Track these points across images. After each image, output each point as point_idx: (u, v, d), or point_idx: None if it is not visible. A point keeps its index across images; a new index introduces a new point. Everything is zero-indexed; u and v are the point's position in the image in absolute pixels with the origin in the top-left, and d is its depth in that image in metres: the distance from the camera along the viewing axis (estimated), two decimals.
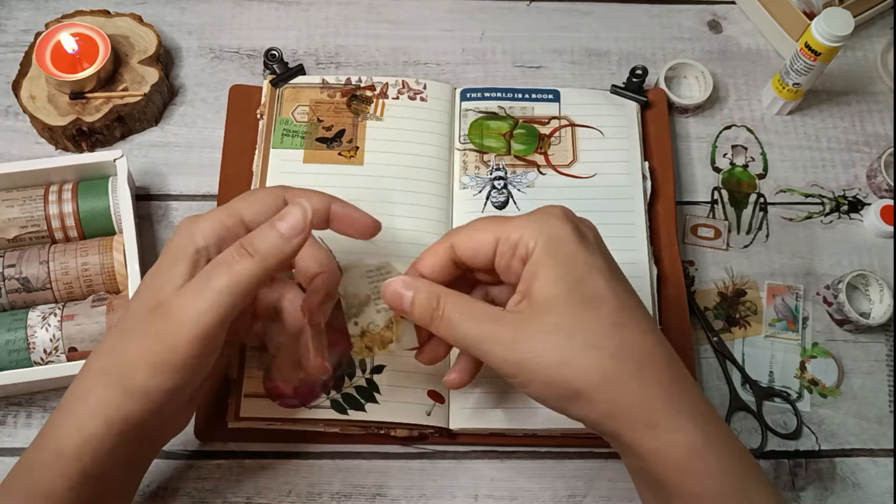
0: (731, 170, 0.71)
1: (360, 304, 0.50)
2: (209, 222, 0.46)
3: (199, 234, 0.46)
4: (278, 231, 0.45)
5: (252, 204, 0.48)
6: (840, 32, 0.63)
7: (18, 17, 0.74)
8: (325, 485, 0.58)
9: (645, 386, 0.44)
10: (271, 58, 0.68)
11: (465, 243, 0.48)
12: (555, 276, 0.45)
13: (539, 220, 0.46)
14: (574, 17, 0.77)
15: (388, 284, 0.48)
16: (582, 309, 0.44)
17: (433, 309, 0.47)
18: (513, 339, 0.44)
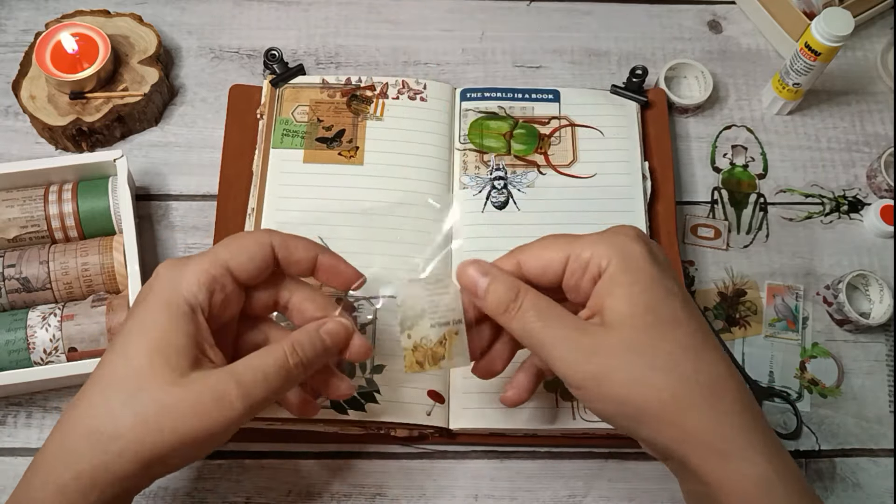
0: (731, 170, 0.71)
1: (414, 317, 0.48)
2: (195, 275, 0.45)
3: (187, 289, 0.45)
4: (323, 345, 0.47)
5: (238, 253, 0.47)
6: (840, 32, 0.63)
7: (18, 17, 0.74)
8: (324, 485, 0.58)
9: (719, 413, 0.42)
10: (271, 58, 0.68)
11: (533, 261, 0.48)
12: (630, 295, 0.44)
13: (611, 239, 0.46)
14: (574, 17, 0.77)
15: (464, 268, 0.47)
16: (658, 330, 0.43)
17: (510, 301, 0.46)
18: (592, 351, 0.43)
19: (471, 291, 0.47)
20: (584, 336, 0.44)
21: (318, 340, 0.47)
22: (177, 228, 0.66)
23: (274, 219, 0.63)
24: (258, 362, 0.45)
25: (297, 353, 0.46)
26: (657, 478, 0.60)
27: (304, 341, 0.46)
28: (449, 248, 0.61)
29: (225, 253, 0.47)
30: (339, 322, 0.48)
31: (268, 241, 0.48)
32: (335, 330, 0.48)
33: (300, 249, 0.49)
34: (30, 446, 0.59)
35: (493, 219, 0.64)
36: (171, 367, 0.43)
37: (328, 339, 0.47)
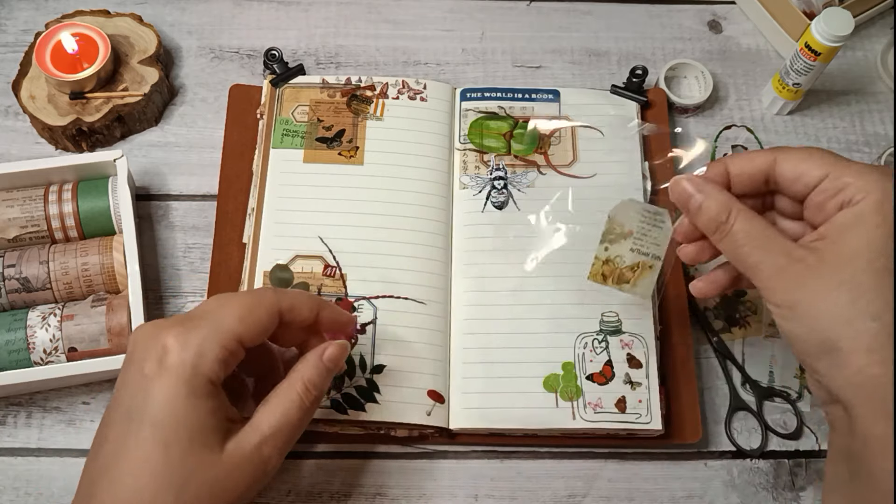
0: None
1: (619, 235, 0.48)
2: (212, 352, 0.45)
3: (209, 367, 0.45)
4: (330, 373, 0.49)
5: (250, 326, 0.47)
6: (840, 32, 0.63)
7: (18, 17, 0.74)
8: (325, 485, 0.58)
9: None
10: (271, 58, 0.68)
11: (792, 164, 0.46)
12: (871, 236, 0.43)
13: (878, 176, 0.44)
14: (574, 17, 0.77)
15: (678, 181, 0.47)
16: (885, 277, 0.42)
17: (722, 222, 0.46)
18: (798, 277, 0.43)
19: (683, 206, 0.48)
20: (796, 263, 0.44)
21: (325, 370, 0.49)
22: (177, 228, 0.66)
23: (274, 219, 0.63)
24: (280, 414, 0.46)
25: (310, 392, 0.48)
26: (657, 478, 0.60)
27: (314, 377, 0.48)
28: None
29: (237, 325, 0.46)
30: (339, 345, 0.50)
31: (277, 308, 0.48)
32: (337, 355, 0.50)
33: (304, 310, 0.49)
34: (30, 446, 0.59)
35: (493, 219, 0.64)
36: (209, 446, 0.44)
37: (332, 365, 0.49)
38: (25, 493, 0.57)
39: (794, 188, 0.47)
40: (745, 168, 0.48)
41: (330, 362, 0.49)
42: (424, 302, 0.61)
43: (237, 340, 0.46)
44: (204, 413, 0.44)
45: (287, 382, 0.48)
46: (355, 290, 0.61)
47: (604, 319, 0.61)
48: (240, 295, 0.49)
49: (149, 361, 0.45)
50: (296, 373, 0.48)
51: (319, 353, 0.49)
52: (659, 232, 0.48)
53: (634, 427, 0.58)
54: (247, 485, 0.45)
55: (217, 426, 0.45)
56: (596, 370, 0.59)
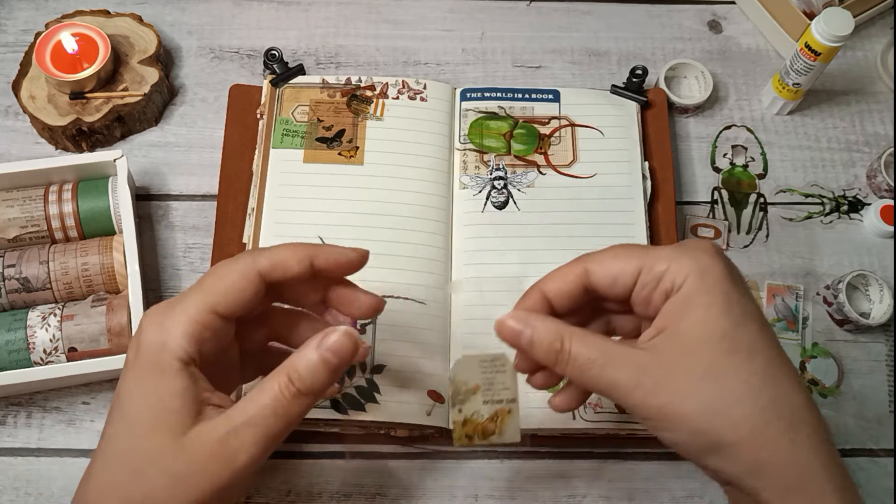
0: (731, 170, 0.71)
1: (467, 393, 0.47)
2: (181, 326, 0.41)
3: (176, 344, 0.41)
4: (328, 366, 0.42)
5: (222, 293, 0.43)
6: (840, 32, 0.63)
7: (18, 17, 0.74)
8: (325, 485, 0.58)
9: (797, 446, 0.40)
10: (271, 58, 0.68)
11: (603, 270, 0.44)
12: (707, 317, 0.41)
13: (689, 253, 0.42)
14: (574, 17, 0.77)
15: (502, 322, 0.44)
16: (735, 357, 0.40)
17: (557, 350, 0.43)
18: (655, 385, 0.41)
19: (514, 345, 0.45)
20: (648, 370, 0.41)
21: (320, 362, 0.42)
22: (177, 228, 0.66)
23: (274, 219, 0.63)
24: (253, 406, 0.41)
25: (292, 385, 0.41)
26: (657, 478, 0.60)
27: (302, 368, 0.42)
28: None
29: (210, 295, 0.42)
30: (343, 333, 0.43)
31: (253, 269, 0.43)
32: (339, 344, 0.42)
33: (291, 263, 0.44)
34: (29, 446, 0.59)
35: (493, 219, 0.64)
36: (173, 431, 0.40)
37: (331, 356, 0.42)
38: (25, 493, 0.57)
39: (615, 292, 0.44)
40: (560, 287, 0.45)
41: (329, 353, 0.42)
42: (424, 302, 0.61)
43: (211, 311, 0.42)
44: (168, 394, 0.41)
45: (274, 372, 0.42)
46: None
47: None
48: (218, 264, 0.45)
49: (131, 348, 0.43)
50: (286, 362, 0.43)
51: (318, 340, 0.42)
52: (504, 375, 0.47)
53: (634, 427, 0.58)
54: (210, 480, 0.40)
55: (184, 408, 0.41)
56: None
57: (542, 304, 0.46)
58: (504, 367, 0.48)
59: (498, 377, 0.47)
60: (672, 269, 0.42)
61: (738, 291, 0.42)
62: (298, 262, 0.44)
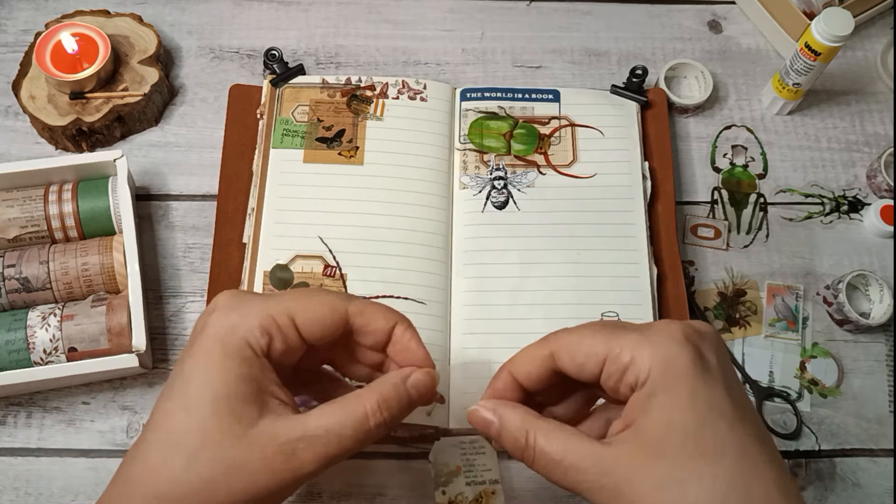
0: (731, 170, 0.71)
1: (449, 474, 0.47)
2: (257, 317, 0.41)
3: (248, 330, 0.40)
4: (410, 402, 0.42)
5: (306, 310, 0.42)
6: (840, 32, 0.63)
7: (18, 17, 0.74)
8: (325, 485, 0.58)
9: None
10: (271, 58, 0.68)
11: (568, 356, 0.42)
12: (670, 417, 0.38)
13: (655, 342, 0.40)
14: (574, 17, 0.77)
15: (475, 411, 0.43)
16: (699, 461, 0.37)
17: (522, 447, 0.41)
18: (616, 490, 0.38)
19: (486, 435, 0.43)
20: (611, 474, 0.39)
21: (405, 395, 0.42)
22: (177, 228, 0.66)
23: (274, 219, 0.63)
24: (334, 421, 0.40)
25: (381, 413, 0.41)
26: None
27: (392, 397, 0.41)
28: None
29: (294, 304, 0.42)
30: (427, 373, 0.43)
31: (343, 308, 0.43)
32: (423, 382, 0.43)
33: (380, 318, 0.44)
34: (29, 446, 0.59)
35: (493, 219, 0.64)
36: (237, 418, 0.39)
37: (415, 393, 0.42)
38: (25, 493, 0.57)
39: (582, 377, 0.42)
40: (529, 371, 0.43)
41: (414, 389, 0.42)
42: (424, 302, 0.61)
43: (289, 317, 0.41)
44: (234, 377, 0.39)
45: (359, 392, 0.42)
46: (355, 290, 0.61)
47: (603, 320, 0.61)
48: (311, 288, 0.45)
49: (199, 322, 0.42)
50: (373, 386, 0.42)
51: (405, 374, 0.43)
52: (485, 457, 0.47)
53: None
54: (270, 480, 0.39)
55: (251, 397, 0.39)
56: None
57: (513, 385, 0.44)
58: (483, 448, 0.47)
59: (478, 458, 0.47)
60: (636, 360, 0.39)
61: (708, 383, 0.39)
62: (385, 320, 0.44)
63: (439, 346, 0.60)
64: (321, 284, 0.61)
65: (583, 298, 0.61)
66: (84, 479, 0.58)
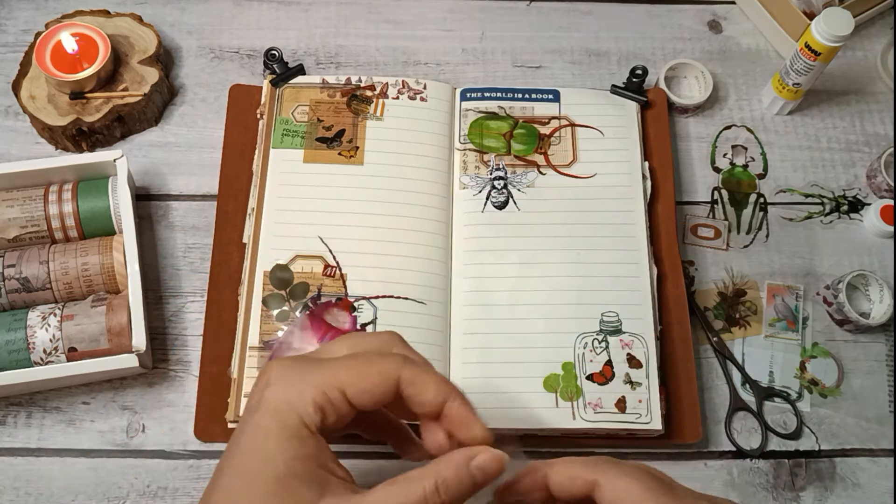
0: (731, 170, 0.71)
1: None
2: (310, 394, 0.40)
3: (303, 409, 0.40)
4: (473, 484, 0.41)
5: (357, 381, 0.41)
6: (840, 32, 0.63)
7: (18, 17, 0.74)
8: None
9: None
10: (271, 58, 0.68)
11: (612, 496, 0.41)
12: None
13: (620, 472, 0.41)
14: (574, 17, 0.77)
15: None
16: None
17: None
18: None
19: None
20: None
21: (468, 478, 0.40)
22: (177, 228, 0.66)
23: (274, 219, 0.63)
24: (391, 501, 0.40)
25: (439, 495, 0.40)
26: None
27: (451, 480, 0.40)
28: None
29: (346, 377, 0.41)
30: (495, 456, 0.41)
31: (395, 374, 0.42)
32: (489, 465, 0.41)
33: (430, 391, 0.42)
34: (29, 446, 0.59)
35: (493, 219, 0.64)
36: (298, 498, 0.39)
37: (479, 474, 0.41)
38: (26, 493, 0.57)
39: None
40: (564, 486, 0.42)
41: (478, 471, 0.41)
42: (424, 302, 0.61)
43: (340, 391, 0.41)
44: (292, 455, 0.39)
45: (420, 472, 0.41)
46: (355, 290, 0.61)
47: (604, 319, 0.61)
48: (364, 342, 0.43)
49: (254, 395, 0.42)
50: (433, 466, 0.41)
51: (469, 455, 0.41)
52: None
53: (634, 427, 0.58)
54: None
55: (308, 476, 0.40)
56: (596, 370, 0.59)
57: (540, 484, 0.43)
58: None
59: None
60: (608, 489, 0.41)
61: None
62: (436, 393, 0.42)
63: (439, 347, 0.60)
64: (321, 284, 0.61)
65: (583, 298, 0.61)
66: (84, 479, 0.58)
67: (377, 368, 0.42)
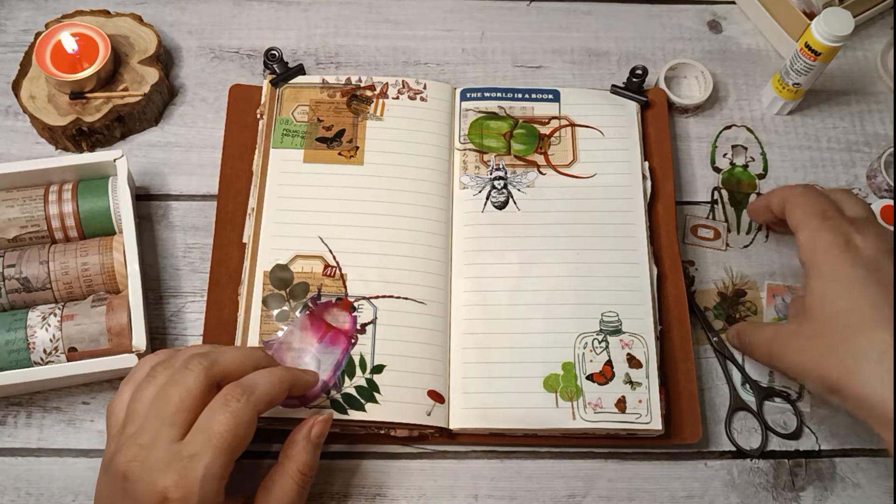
0: (731, 170, 0.71)
1: None
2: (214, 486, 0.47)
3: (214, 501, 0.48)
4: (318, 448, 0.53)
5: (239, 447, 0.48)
6: (840, 32, 0.63)
7: (18, 17, 0.74)
8: (325, 485, 0.58)
9: (884, 386, 0.47)
10: (271, 58, 0.68)
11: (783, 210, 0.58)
12: (813, 289, 0.52)
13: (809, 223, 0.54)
14: (574, 17, 0.77)
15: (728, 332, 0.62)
16: (829, 320, 0.51)
17: (744, 345, 0.60)
18: (787, 347, 0.54)
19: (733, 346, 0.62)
20: (781, 339, 0.54)
21: (314, 448, 0.52)
22: (177, 228, 0.66)
23: (274, 219, 0.63)
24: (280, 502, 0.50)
25: (304, 476, 0.51)
26: (657, 478, 0.60)
27: (307, 460, 0.51)
28: None
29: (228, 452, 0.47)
30: (325, 420, 0.53)
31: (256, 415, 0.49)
32: (324, 430, 0.53)
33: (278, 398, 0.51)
34: (30, 446, 0.59)
35: (493, 219, 0.64)
36: None
37: (320, 440, 0.53)
38: (26, 493, 0.57)
39: None
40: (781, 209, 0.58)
41: (318, 437, 0.52)
42: (424, 302, 0.61)
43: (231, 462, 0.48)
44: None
45: (282, 469, 0.51)
46: (355, 290, 0.61)
47: (604, 319, 0.61)
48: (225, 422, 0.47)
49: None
50: (289, 460, 0.51)
51: (306, 433, 0.52)
52: None
53: (634, 427, 0.58)
54: None
55: None
56: (596, 370, 0.59)
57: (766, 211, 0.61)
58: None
59: None
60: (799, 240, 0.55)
61: (848, 261, 0.51)
62: (282, 394, 0.51)
63: (439, 347, 0.60)
64: (321, 284, 0.61)
65: (583, 298, 0.61)
66: (84, 479, 0.58)
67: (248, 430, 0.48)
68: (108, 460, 0.48)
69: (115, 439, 0.48)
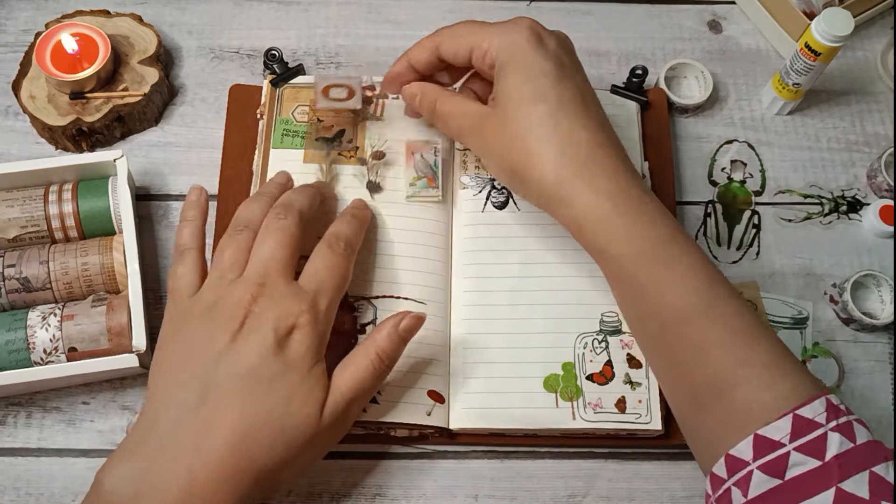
0: (728, 184, 0.70)
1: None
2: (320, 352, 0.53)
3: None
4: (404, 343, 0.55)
5: None
6: (840, 32, 0.63)
7: (18, 17, 0.74)
8: (324, 485, 0.58)
9: (560, 167, 0.51)
10: (271, 58, 0.68)
11: (446, 46, 0.57)
12: (508, 80, 0.54)
13: (505, 31, 0.55)
14: (574, 17, 0.77)
15: (406, 87, 0.60)
16: (526, 106, 0.53)
17: (431, 110, 0.59)
18: (480, 130, 0.55)
19: (412, 104, 0.61)
20: (476, 121, 0.56)
21: (399, 340, 0.53)
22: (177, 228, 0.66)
23: None
24: (356, 381, 0.52)
25: (384, 361, 0.53)
26: (657, 478, 0.60)
27: (388, 347, 0.53)
28: None
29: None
30: (416, 317, 0.54)
31: None
32: (413, 325, 0.54)
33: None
34: (30, 446, 0.59)
35: (493, 219, 0.64)
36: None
37: (407, 335, 0.54)
38: (26, 494, 0.57)
39: (459, 63, 0.57)
40: (421, 57, 0.58)
41: (406, 332, 0.53)
42: (424, 302, 0.61)
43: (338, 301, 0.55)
44: None
45: (363, 350, 0.53)
46: (355, 290, 0.61)
47: (604, 319, 0.61)
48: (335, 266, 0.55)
49: None
50: (371, 342, 0.53)
51: (396, 322, 0.53)
52: None
53: (634, 427, 0.58)
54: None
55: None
56: (596, 370, 0.59)
57: (408, 68, 0.59)
58: None
59: None
60: (492, 46, 0.55)
61: (540, 55, 0.53)
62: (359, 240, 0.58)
63: (439, 346, 0.60)
64: None
65: (582, 298, 0.61)
66: (84, 479, 0.58)
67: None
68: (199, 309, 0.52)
69: (212, 288, 0.52)
